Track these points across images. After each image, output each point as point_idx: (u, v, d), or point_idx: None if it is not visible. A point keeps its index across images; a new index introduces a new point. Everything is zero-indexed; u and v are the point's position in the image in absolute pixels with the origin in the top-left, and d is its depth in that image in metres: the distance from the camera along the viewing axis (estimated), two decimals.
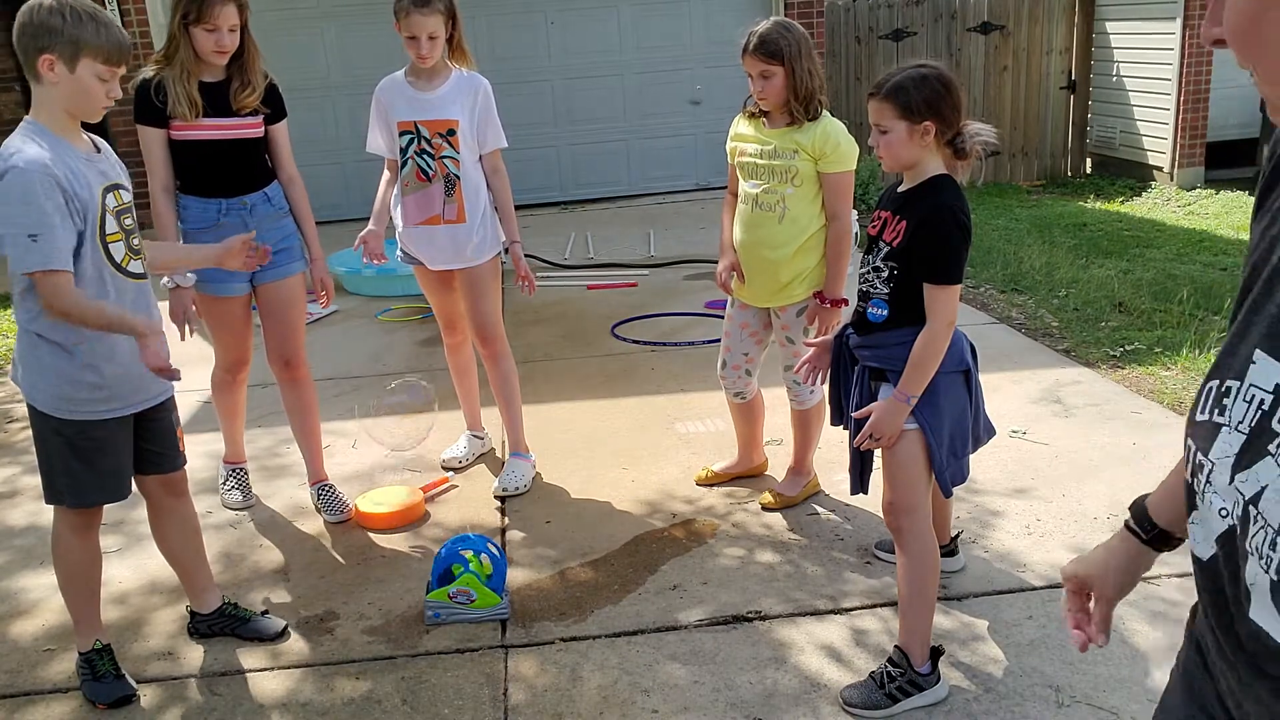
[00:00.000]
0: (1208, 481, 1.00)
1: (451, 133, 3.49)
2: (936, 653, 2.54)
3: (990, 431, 2.74)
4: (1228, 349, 1.02)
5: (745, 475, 3.73)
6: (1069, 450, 3.85)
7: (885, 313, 2.50)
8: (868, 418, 2.49)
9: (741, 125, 3.35)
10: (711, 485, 3.72)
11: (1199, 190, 8.65)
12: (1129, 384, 4.50)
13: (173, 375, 2.38)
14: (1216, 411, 1.00)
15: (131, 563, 3.39)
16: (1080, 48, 9.60)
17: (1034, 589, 2.98)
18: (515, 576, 3.20)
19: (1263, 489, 0.92)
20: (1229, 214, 7.81)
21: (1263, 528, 0.92)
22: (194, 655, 2.88)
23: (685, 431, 4.21)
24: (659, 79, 8.79)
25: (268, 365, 3.57)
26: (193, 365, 5.24)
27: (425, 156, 3.52)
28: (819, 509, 3.51)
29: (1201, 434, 1.02)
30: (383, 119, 3.58)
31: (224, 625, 2.94)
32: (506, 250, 3.69)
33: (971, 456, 2.65)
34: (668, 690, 2.63)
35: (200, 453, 4.21)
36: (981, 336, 5.20)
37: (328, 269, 3.58)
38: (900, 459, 2.50)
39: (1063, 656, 2.67)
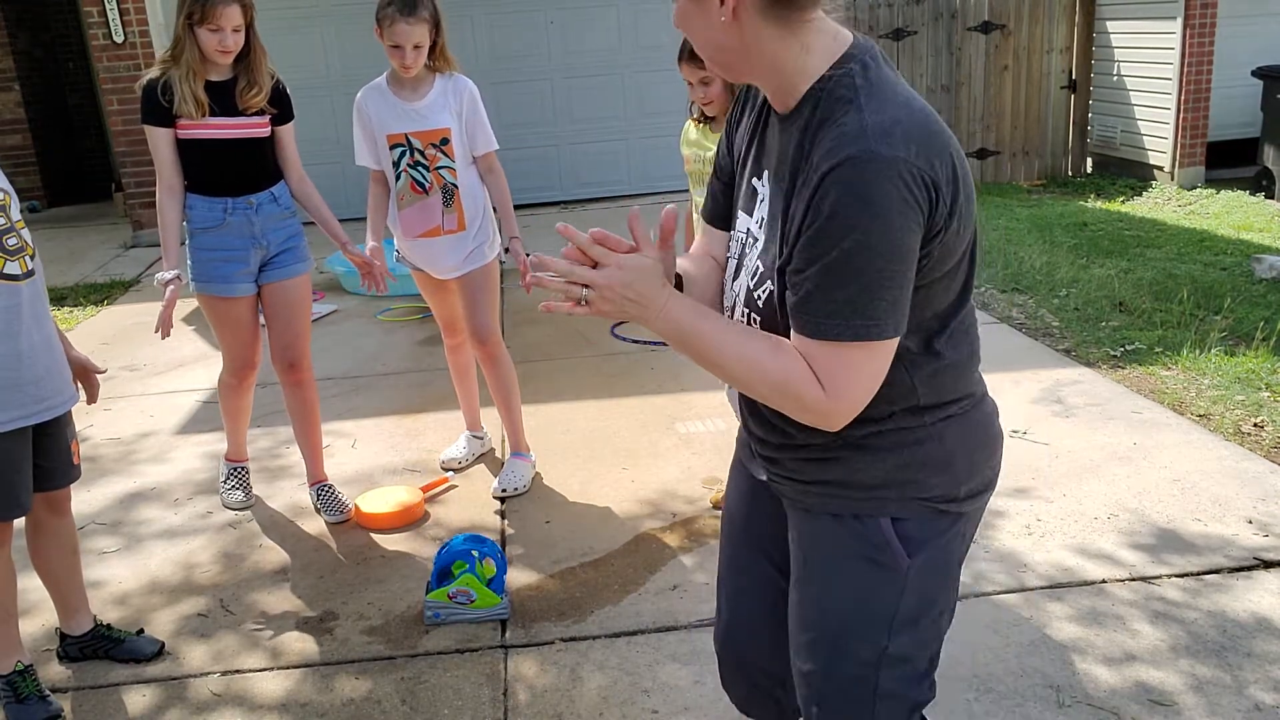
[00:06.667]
0: None
1: (445, 141, 3.45)
2: None
3: None
4: None
5: None
6: (1069, 450, 3.84)
7: None
8: None
9: (691, 132, 3.26)
10: None
11: (1200, 190, 8.63)
12: (1130, 384, 4.49)
13: None
14: None
15: (131, 563, 3.39)
16: (1081, 47, 9.59)
17: (1034, 589, 2.98)
18: (515, 576, 3.19)
19: None
20: (1230, 214, 7.80)
21: None
22: (194, 655, 2.88)
23: (685, 431, 4.21)
24: (659, 79, 8.78)
25: (271, 366, 3.55)
26: (190, 367, 5.28)
27: (420, 169, 3.47)
28: None
29: None
30: (367, 130, 3.55)
31: (97, 647, 2.82)
32: (506, 249, 3.68)
33: None
34: (668, 690, 2.62)
35: (200, 453, 4.22)
36: (982, 337, 5.19)
37: (360, 250, 3.50)
38: None
39: (1063, 656, 2.67)
